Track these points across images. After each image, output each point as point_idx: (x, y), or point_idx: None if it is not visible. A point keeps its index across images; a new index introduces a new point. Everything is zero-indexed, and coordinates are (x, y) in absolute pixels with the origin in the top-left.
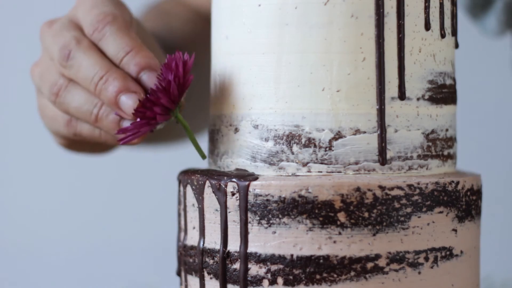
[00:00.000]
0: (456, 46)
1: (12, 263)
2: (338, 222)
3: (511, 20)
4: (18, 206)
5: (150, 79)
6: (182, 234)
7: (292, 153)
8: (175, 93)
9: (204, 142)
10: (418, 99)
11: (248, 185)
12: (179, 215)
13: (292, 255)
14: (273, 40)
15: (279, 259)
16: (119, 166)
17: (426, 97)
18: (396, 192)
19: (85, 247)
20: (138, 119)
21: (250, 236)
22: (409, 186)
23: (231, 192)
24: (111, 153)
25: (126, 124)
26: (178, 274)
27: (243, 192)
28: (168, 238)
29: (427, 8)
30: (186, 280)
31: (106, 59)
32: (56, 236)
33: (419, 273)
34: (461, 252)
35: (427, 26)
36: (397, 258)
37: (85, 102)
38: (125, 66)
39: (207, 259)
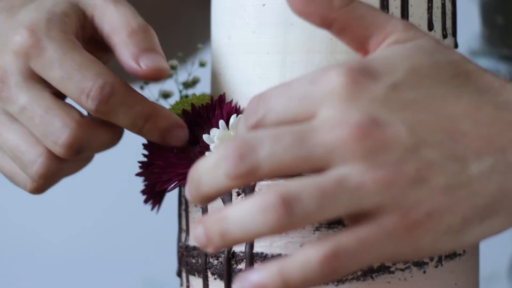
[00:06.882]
0: (456, 46)
1: (13, 261)
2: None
3: None
4: (18, 205)
5: (178, 138)
6: (184, 234)
7: None
8: None
9: None
10: None
11: (254, 185)
12: (179, 215)
13: None
14: (278, 40)
15: None
16: (118, 165)
17: None
18: None
19: (84, 247)
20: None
21: None
22: None
23: (237, 192)
24: (109, 153)
25: None
26: (179, 274)
27: (249, 192)
28: (168, 238)
29: (430, 8)
30: (188, 281)
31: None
32: (55, 235)
33: (424, 272)
34: (464, 251)
35: (430, 26)
36: None
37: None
38: (147, 133)
39: (211, 260)
